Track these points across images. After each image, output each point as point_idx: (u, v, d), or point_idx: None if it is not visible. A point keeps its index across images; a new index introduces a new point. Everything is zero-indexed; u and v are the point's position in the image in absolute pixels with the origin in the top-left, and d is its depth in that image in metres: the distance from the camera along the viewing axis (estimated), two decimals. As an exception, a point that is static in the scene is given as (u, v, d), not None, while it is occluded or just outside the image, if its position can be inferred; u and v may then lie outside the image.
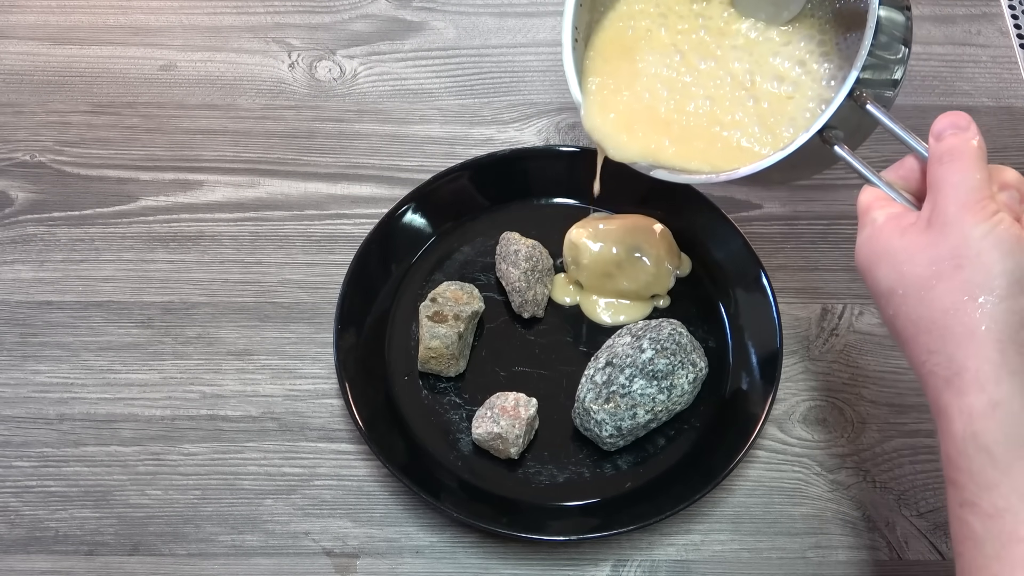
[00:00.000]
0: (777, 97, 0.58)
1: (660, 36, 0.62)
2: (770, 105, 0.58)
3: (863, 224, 0.48)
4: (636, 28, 0.63)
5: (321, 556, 0.58)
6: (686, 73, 0.61)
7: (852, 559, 0.58)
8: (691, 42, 0.61)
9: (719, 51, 0.61)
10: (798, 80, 0.58)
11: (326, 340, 0.65)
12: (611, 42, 0.63)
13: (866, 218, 0.48)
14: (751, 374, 0.62)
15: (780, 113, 0.58)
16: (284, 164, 0.74)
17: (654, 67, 0.61)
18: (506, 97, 0.77)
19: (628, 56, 0.62)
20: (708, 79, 0.60)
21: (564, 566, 0.58)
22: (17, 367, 0.64)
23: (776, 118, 0.58)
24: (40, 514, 0.59)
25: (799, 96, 0.58)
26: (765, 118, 0.58)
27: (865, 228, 0.48)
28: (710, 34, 0.61)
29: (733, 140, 0.58)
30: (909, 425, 0.63)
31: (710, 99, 0.60)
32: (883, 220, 0.47)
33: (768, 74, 0.59)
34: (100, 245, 0.69)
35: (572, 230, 0.66)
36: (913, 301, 0.44)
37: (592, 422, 0.59)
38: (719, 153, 0.58)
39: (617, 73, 0.62)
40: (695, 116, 0.59)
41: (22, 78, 0.78)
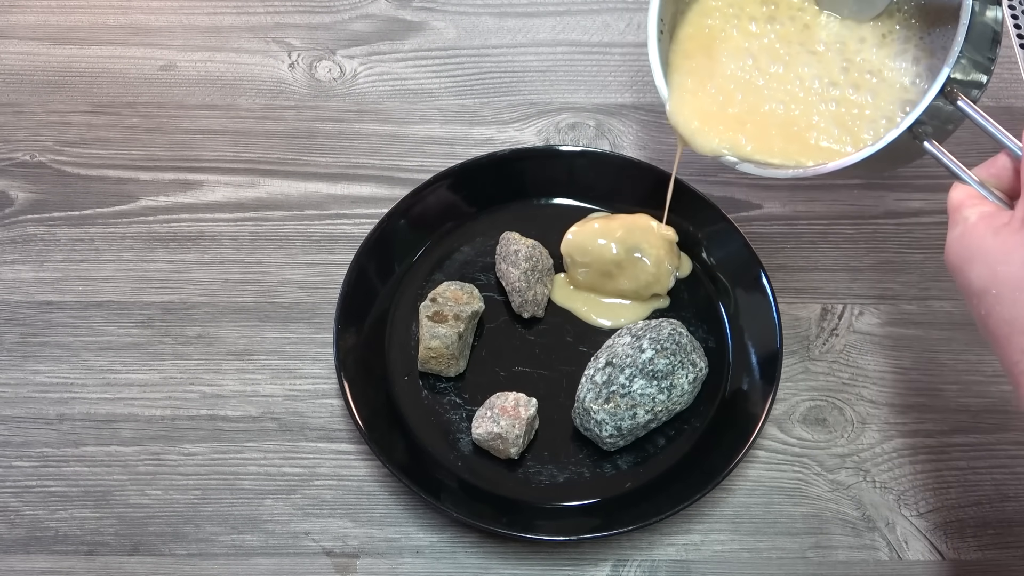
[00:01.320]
0: (857, 101, 0.58)
1: (743, 31, 0.62)
2: (851, 105, 0.58)
3: (954, 222, 0.47)
4: (720, 23, 0.62)
5: (321, 556, 0.58)
6: (769, 70, 0.60)
7: (852, 559, 0.58)
8: (776, 37, 0.61)
9: (803, 48, 0.60)
10: (883, 79, 0.58)
11: (326, 340, 0.65)
12: (696, 36, 0.62)
13: (957, 216, 0.47)
14: (751, 374, 0.62)
15: (861, 116, 0.57)
16: (284, 164, 0.74)
17: (737, 63, 0.61)
18: (506, 97, 0.77)
19: (712, 51, 0.62)
20: (791, 78, 0.60)
21: (564, 566, 0.58)
22: (17, 367, 0.64)
23: (856, 121, 0.57)
24: (40, 514, 0.59)
25: (882, 95, 0.57)
26: (844, 119, 0.57)
27: (956, 226, 0.47)
28: (794, 29, 0.61)
29: (814, 139, 0.57)
30: (909, 425, 0.63)
31: (792, 99, 0.59)
32: (976, 219, 0.46)
33: (852, 72, 0.58)
34: (100, 245, 0.69)
35: (572, 230, 0.66)
36: (1007, 302, 0.43)
37: (592, 422, 0.59)
38: (805, 150, 0.58)
39: (701, 68, 0.62)
40: (778, 114, 0.59)
41: (22, 78, 0.78)
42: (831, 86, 0.59)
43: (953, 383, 0.64)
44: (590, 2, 0.83)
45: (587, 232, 0.66)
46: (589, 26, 0.81)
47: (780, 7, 0.62)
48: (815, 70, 0.59)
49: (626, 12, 0.82)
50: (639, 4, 0.83)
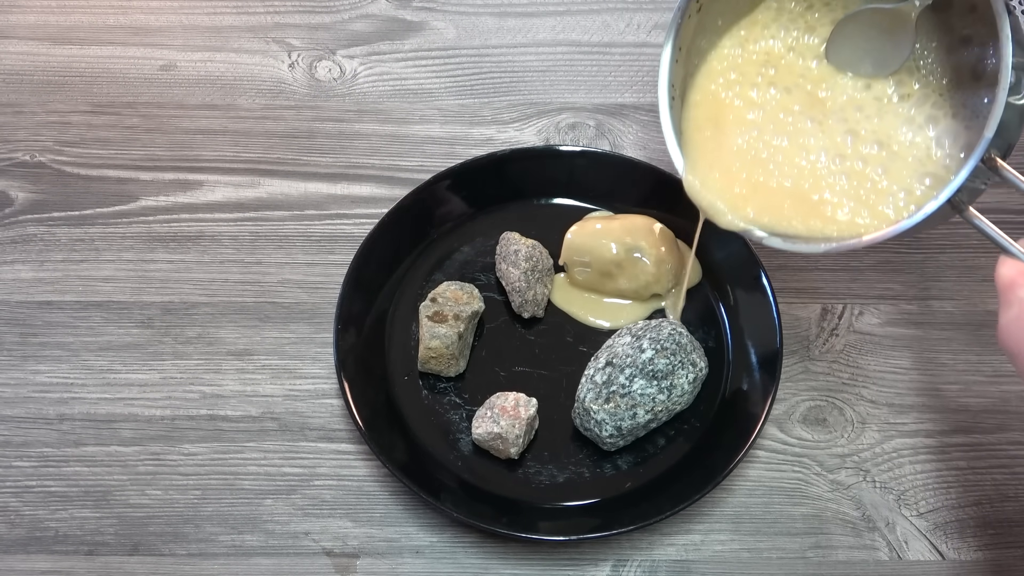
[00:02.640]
0: (869, 175, 0.54)
1: (746, 100, 0.58)
2: (863, 179, 0.54)
3: (1008, 302, 0.44)
4: (724, 89, 0.59)
5: (321, 556, 0.58)
6: (772, 143, 0.57)
7: (852, 559, 0.58)
8: (777, 106, 0.57)
9: (806, 116, 0.57)
10: (893, 152, 0.54)
11: (326, 340, 0.65)
12: (704, 104, 0.59)
13: (1011, 296, 0.44)
14: (751, 374, 0.62)
15: (876, 191, 0.54)
16: (284, 164, 0.74)
17: (742, 136, 0.57)
18: (506, 97, 0.77)
19: (720, 122, 0.58)
20: (796, 151, 0.56)
21: (564, 566, 0.58)
22: (17, 367, 0.64)
23: (871, 195, 0.54)
24: (40, 514, 0.59)
25: (895, 169, 0.54)
26: (858, 193, 0.54)
27: (1012, 307, 0.44)
28: (798, 96, 0.57)
29: (830, 212, 0.54)
30: (909, 425, 0.63)
31: (800, 173, 0.56)
32: None
33: (859, 145, 0.55)
34: (100, 245, 0.69)
35: (572, 230, 0.66)
36: None
37: (592, 422, 0.59)
38: (826, 223, 0.54)
39: (712, 140, 0.58)
40: (788, 189, 0.56)
41: (22, 78, 0.78)
42: (838, 158, 0.55)
43: (953, 383, 0.64)
44: (590, 2, 0.83)
45: (587, 232, 0.66)
46: (589, 26, 0.81)
47: (780, 71, 0.58)
48: (820, 142, 0.56)
49: (626, 12, 0.82)
50: (639, 4, 0.83)
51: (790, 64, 0.58)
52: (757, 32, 0.58)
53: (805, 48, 0.57)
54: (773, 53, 0.58)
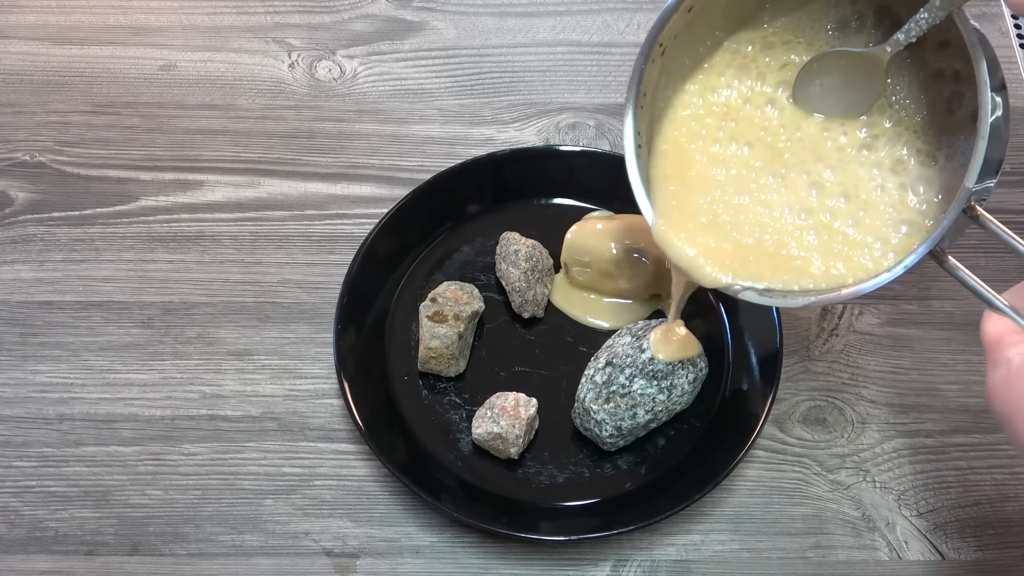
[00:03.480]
0: (839, 228, 0.51)
1: (709, 155, 0.55)
2: (832, 232, 0.51)
3: (995, 362, 0.42)
4: (687, 140, 0.56)
5: (321, 556, 0.58)
6: (733, 202, 0.54)
7: (852, 559, 0.58)
8: (739, 162, 0.54)
9: (767, 171, 0.54)
10: (862, 202, 0.51)
11: (326, 340, 0.65)
12: (669, 154, 0.56)
13: (998, 356, 0.42)
14: (751, 374, 0.62)
15: (848, 243, 0.51)
16: (284, 164, 0.74)
17: (706, 195, 0.54)
18: (506, 97, 0.77)
19: (685, 178, 0.55)
20: (757, 210, 0.53)
21: (564, 566, 0.58)
22: (17, 367, 0.64)
23: (844, 247, 0.51)
24: (40, 514, 0.59)
25: (866, 221, 0.51)
26: (830, 247, 0.51)
27: (998, 368, 0.42)
28: (760, 149, 0.54)
29: (802, 264, 0.51)
30: (909, 425, 0.63)
31: (763, 230, 0.53)
32: (1021, 362, 0.41)
33: (824, 198, 0.52)
34: (100, 245, 0.69)
35: (572, 230, 0.66)
36: None
37: (592, 422, 0.59)
38: (799, 276, 0.51)
39: (681, 190, 0.55)
40: (752, 246, 0.53)
41: (22, 78, 0.78)
42: (804, 213, 0.52)
43: (953, 383, 0.64)
44: (590, 2, 0.83)
45: (587, 232, 0.66)
46: (589, 26, 0.81)
47: (740, 124, 0.55)
48: (783, 198, 0.53)
49: (626, 12, 0.82)
50: (639, 4, 0.83)
51: (749, 116, 0.55)
52: (714, 79, 0.56)
53: (762, 97, 0.55)
54: (732, 105, 0.55)
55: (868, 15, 0.52)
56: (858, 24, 0.53)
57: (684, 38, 0.54)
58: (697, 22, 0.54)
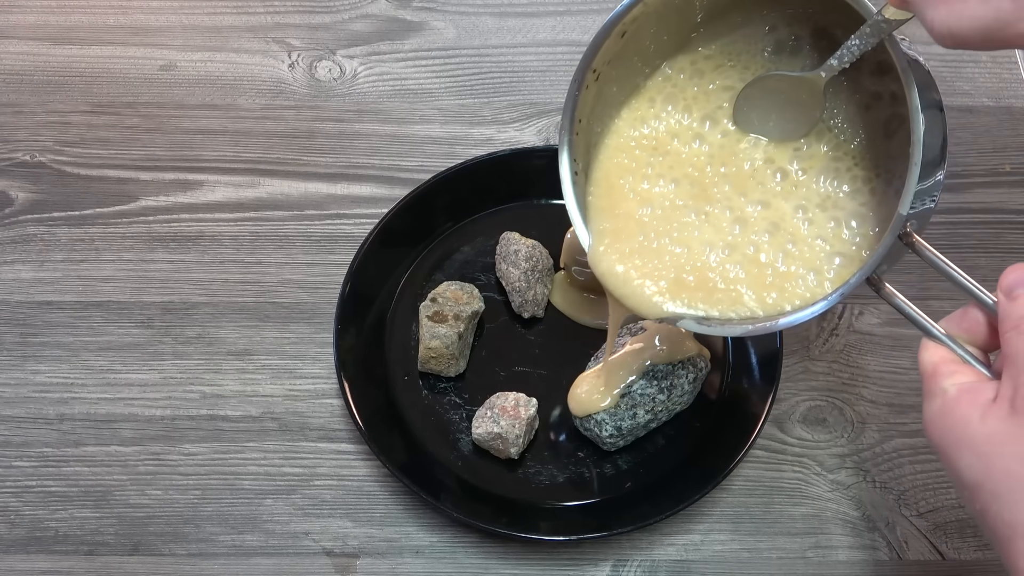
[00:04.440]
0: (766, 262, 0.51)
1: (637, 193, 0.54)
2: (760, 266, 0.51)
3: (931, 392, 0.41)
4: (617, 176, 0.55)
5: (321, 556, 0.58)
6: (661, 240, 0.52)
7: (852, 559, 0.58)
8: (667, 202, 0.53)
9: (702, 205, 0.53)
10: (794, 236, 0.51)
11: (326, 340, 0.65)
12: (603, 189, 0.55)
13: (934, 386, 0.41)
14: (751, 374, 0.62)
15: (777, 274, 0.50)
16: (284, 164, 0.74)
17: (636, 236, 0.53)
18: (506, 97, 0.77)
19: (620, 208, 0.54)
20: (681, 250, 0.52)
21: (564, 566, 0.58)
22: (17, 367, 0.64)
23: (773, 278, 0.50)
24: (40, 514, 0.59)
25: (797, 255, 0.50)
26: (759, 280, 0.51)
27: (935, 399, 0.41)
28: (692, 186, 0.53)
29: (749, 296, 0.50)
30: (909, 425, 0.63)
31: (692, 268, 0.52)
32: (955, 393, 0.40)
33: (749, 233, 0.51)
34: (100, 245, 0.69)
35: (572, 230, 0.66)
36: (1007, 503, 0.37)
37: (592, 422, 0.59)
38: (734, 304, 0.51)
39: (613, 225, 0.54)
40: (696, 276, 0.51)
41: (22, 78, 0.78)
42: (727, 249, 0.51)
43: (953, 383, 0.64)
44: (590, 2, 0.83)
45: (587, 232, 0.65)
46: (589, 26, 0.81)
47: (668, 159, 0.54)
48: (705, 235, 0.52)
49: (626, 12, 0.82)
50: (639, 4, 0.83)
51: (676, 151, 0.54)
52: (644, 109, 0.55)
53: (689, 132, 0.54)
54: (660, 139, 0.55)
55: (804, 37, 0.52)
56: (794, 46, 0.52)
57: (618, 64, 0.53)
58: (630, 48, 0.53)
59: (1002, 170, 0.73)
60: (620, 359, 0.59)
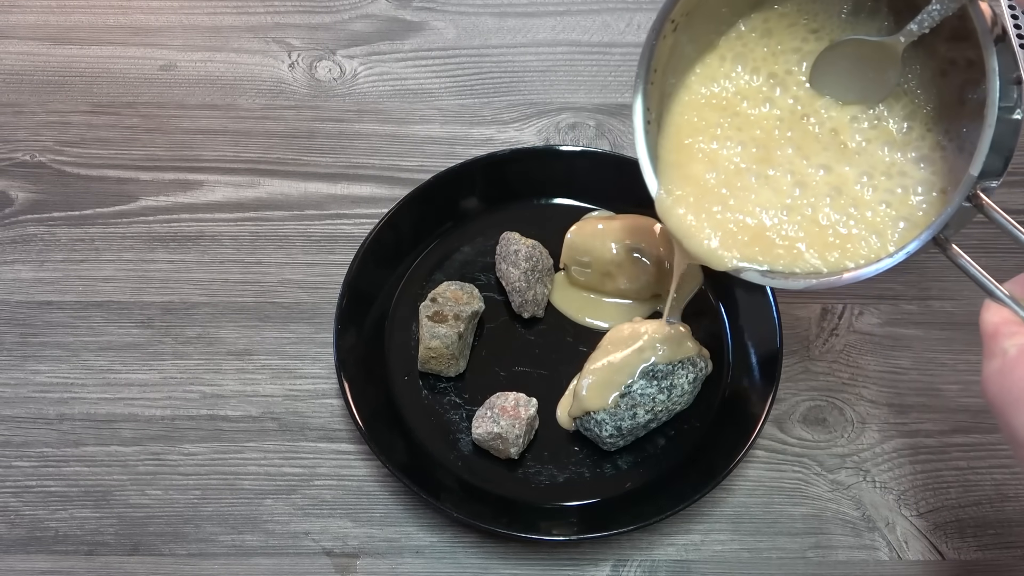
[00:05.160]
0: (843, 215, 0.52)
1: (715, 149, 0.55)
2: (838, 225, 0.52)
3: (991, 352, 0.42)
4: (694, 133, 0.55)
5: (321, 556, 0.58)
6: (760, 170, 0.54)
7: (852, 559, 0.58)
8: (739, 156, 0.54)
9: (797, 143, 0.53)
10: (856, 199, 0.52)
11: (326, 340, 0.65)
12: (680, 133, 0.56)
13: (994, 346, 0.42)
14: (751, 374, 0.62)
15: (838, 235, 0.52)
16: (284, 164, 0.74)
17: (727, 161, 0.54)
18: (506, 97, 0.77)
19: (690, 166, 0.55)
20: (753, 201, 0.53)
21: (564, 566, 0.58)
22: (17, 367, 0.64)
23: (835, 239, 0.51)
24: (40, 514, 0.59)
25: (860, 218, 0.51)
26: (823, 239, 0.52)
27: (994, 358, 0.41)
28: (781, 128, 0.54)
29: (811, 254, 0.52)
30: (909, 425, 0.63)
31: (789, 207, 0.53)
32: (1016, 353, 0.40)
33: (823, 192, 0.52)
34: (100, 245, 0.69)
35: (572, 230, 0.66)
36: None
37: (592, 422, 0.59)
38: (796, 260, 0.52)
39: (687, 172, 0.55)
40: (768, 225, 0.53)
41: (22, 78, 0.78)
42: (786, 211, 0.52)
43: (953, 383, 0.64)
44: (590, 2, 0.83)
45: (587, 232, 0.66)
46: (589, 26, 0.81)
47: (737, 118, 0.55)
48: (770, 197, 0.53)
49: (626, 12, 0.82)
50: (639, 4, 0.83)
51: (745, 113, 0.55)
52: (715, 66, 0.56)
53: (758, 94, 0.55)
54: (729, 99, 0.55)
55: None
56: (872, 7, 0.53)
57: (696, 16, 0.54)
58: (708, 1, 0.53)
59: None
60: (622, 360, 0.59)
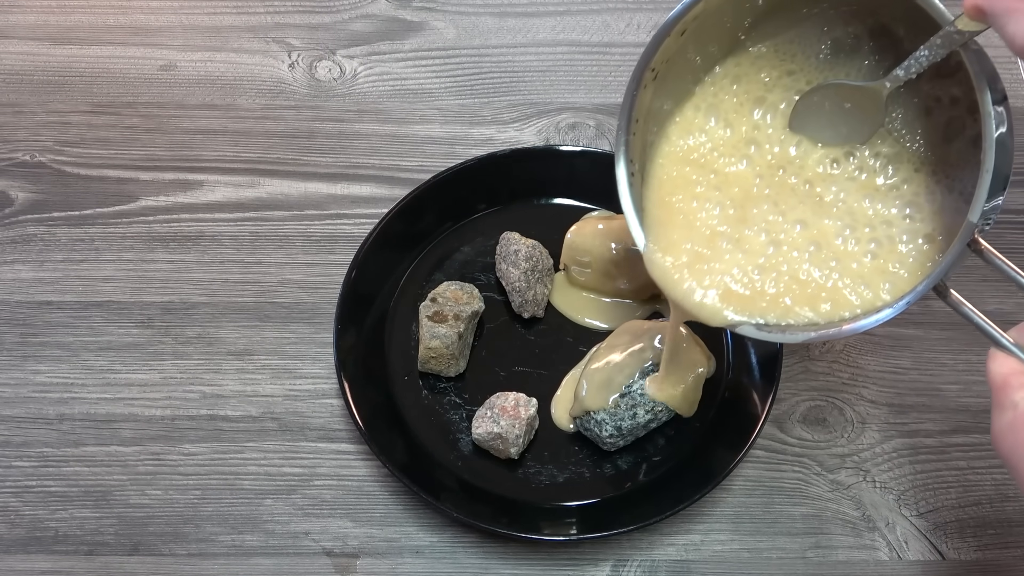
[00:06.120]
0: (819, 279, 0.50)
1: (693, 208, 0.53)
2: (814, 285, 0.50)
3: (1002, 405, 0.40)
4: (674, 190, 0.54)
5: (321, 556, 0.58)
6: (733, 233, 0.52)
7: (852, 559, 0.58)
8: (747, 191, 0.53)
9: (774, 199, 0.52)
10: (836, 253, 0.50)
11: (326, 340, 0.65)
12: (663, 189, 0.54)
13: (1004, 399, 0.40)
14: (751, 374, 0.62)
15: (825, 289, 0.50)
16: (284, 164, 0.74)
17: (704, 226, 0.53)
18: (506, 97, 0.77)
19: (677, 214, 0.54)
20: (756, 241, 0.52)
21: (564, 566, 0.58)
22: (17, 367, 0.64)
23: (821, 292, 0.50)
24: (40, 514, 0.59)
25: (843, 272, 0.50)
26: (814, 297, 0.50)
27: (1005, 412, 0.40)
28: (766, 179, 0.52)
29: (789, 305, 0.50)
30: (909, 425, 0.63)
31: (762, 267, 0.51)
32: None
33: (838, 226, 0.50)
34: (100, 245, 0.69)
35: (572, 230, 0.66)
36: None
37: (592, 422, 0.59)
38: (786, 313, 0.50)
39: (672, 227, 0.53)
40: (752, 279, 0.51)
41: (22, 78, 0.78)
42: (773, 270, 0.51)
43: (953, 383, 0.64)
44: (590, 2, 0.83)
45: (587, 232, 0.66)
46: (589, 26, 0.81)
47: (718, 179, 0.53)
48: (748, 258, 0.51)
49: (626, 12, 0.82)
50: (639, 4, 0.83)
51: (722, 172, 0.53)
52: (691, 115, 0.54)
53: (735, 150, 0.53)
54: (705, 153, 0.54)
55: (863, 36, 0.51)
56: (853, 45, 0.51)
57: (677, 62, 0.52)
58: (689, 46, 0.52)
59: None
60: (622, 361, 0.59)
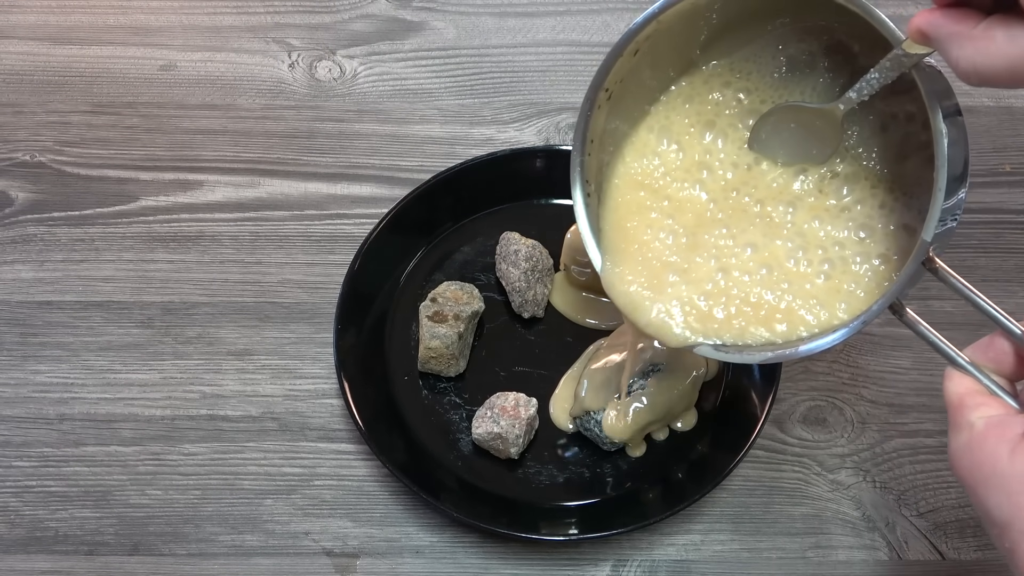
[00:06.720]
0: (807, 275, 0.49)
1: (647, 239, 0.53)
2: (770, 307, 0.50)
3: (957, 426, 0.40)
4: (630, 215, 0.54)
5: (321, 556, 0.58)
6: (683, 261, 0.52)
7: (852, 559, 0.58)
8: (700, 216, 0.52)
9: (734, 218, 0.52)
10: (787, 274, 0.50)
11: (326, 340, 0.65)
12: (618, 212, 0.54)
13: (960, 419, 0.40)
14: (751, 374, 0.62)
15: (778, 310, 0.49)
16: (284, 164, 0.74)
17: (655, 255, 0.52)
18: (506, 97, 0.77)
19: (632, 240, 0.53)
20: (705, 267, 0.52)
21: (564, 566, 0.58)
22: (17, 367, 0.64)
23: (776, 313, 0.49)
24: (40, 514, 0.59)
25: (796, 291, 0.49)
26: (769, 318, 0.50)
27: (961, 432, 0.40)
28: (723, 195, 0.52)
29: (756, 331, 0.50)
30: (909, 425, 0.63)
31: (708, 293, 0.51)
32: (983, 427, 0.39)
33: (790, 248, 0.50)
34: (100, 245, 0.69)
35: (572, 230, 0.66)
36: None
37: (592, 422, 0.59)
38: (742, 333, 0.50)
39: (627, 250, 0.53)
40: (715, 300, 0.51)
41: (22, 78, 0.78)
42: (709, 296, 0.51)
43: (953, 383, 0.64)
44: (590, 2, 0.83)
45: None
46: (589, 26, 0.81)
47: (672, 204, 0.53)
48: (701, 271, 0.51)
49: (626, 12, 0.82)
50: (639, 4, 0.83)
51: (675, 196, 0.53)
52: (644, 136, 0.54)
53: (689, 175, 0.53)
54: (659, 178, 0.53)
55: (818, 53, 0.50)
56: (808, 62, 0.51)
57: (632, 82, 0.52)
58: (643, 66, 0.51)
59: (1002, 170, 0.73)
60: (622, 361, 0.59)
